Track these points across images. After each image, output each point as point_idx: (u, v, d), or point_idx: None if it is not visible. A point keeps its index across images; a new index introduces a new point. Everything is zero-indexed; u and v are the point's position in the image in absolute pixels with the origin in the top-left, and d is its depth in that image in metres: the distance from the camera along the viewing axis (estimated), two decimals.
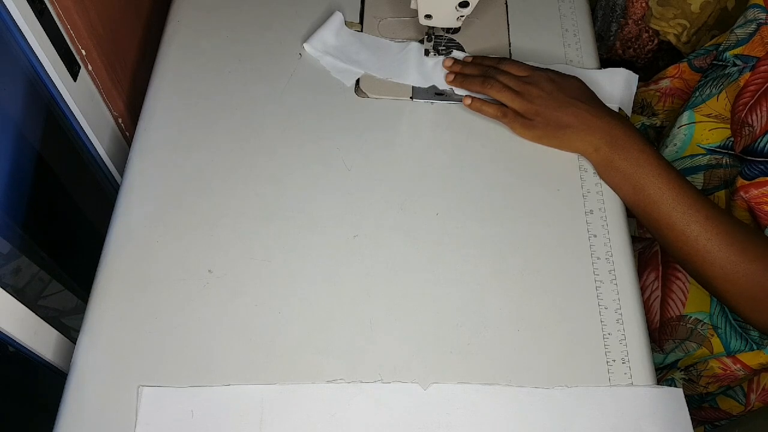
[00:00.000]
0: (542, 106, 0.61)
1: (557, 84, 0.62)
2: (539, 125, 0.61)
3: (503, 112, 0.62)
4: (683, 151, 0.67)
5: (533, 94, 0.61)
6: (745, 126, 0.61)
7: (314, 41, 0.67)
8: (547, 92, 0.61)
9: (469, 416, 0.49)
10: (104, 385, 0.49)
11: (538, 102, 0.61)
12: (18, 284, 0.54)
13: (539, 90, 0.61)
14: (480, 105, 0.63)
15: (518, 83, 0.62)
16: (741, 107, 0.62)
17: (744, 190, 0.58)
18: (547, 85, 0.62)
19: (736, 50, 0.65)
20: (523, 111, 0.62)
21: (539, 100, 0.61)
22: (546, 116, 0.61)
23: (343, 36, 0.69)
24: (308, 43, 0.67)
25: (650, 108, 0.78)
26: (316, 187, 0.59)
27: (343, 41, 0.69)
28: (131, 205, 0.57)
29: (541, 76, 0.63)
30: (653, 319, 0.66)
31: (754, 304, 0.53)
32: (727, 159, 0.64)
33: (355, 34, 0.70)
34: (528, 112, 0.61)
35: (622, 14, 0.91)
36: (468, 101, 0.64)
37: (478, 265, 0.56)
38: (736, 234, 0.54)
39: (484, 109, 0.63)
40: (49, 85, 0.56)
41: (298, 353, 0.51)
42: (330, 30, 0.68)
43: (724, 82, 0.64)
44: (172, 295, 0.53)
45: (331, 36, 0.68)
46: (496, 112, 0.63)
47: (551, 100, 0.61)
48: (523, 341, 0.52)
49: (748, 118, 0.61)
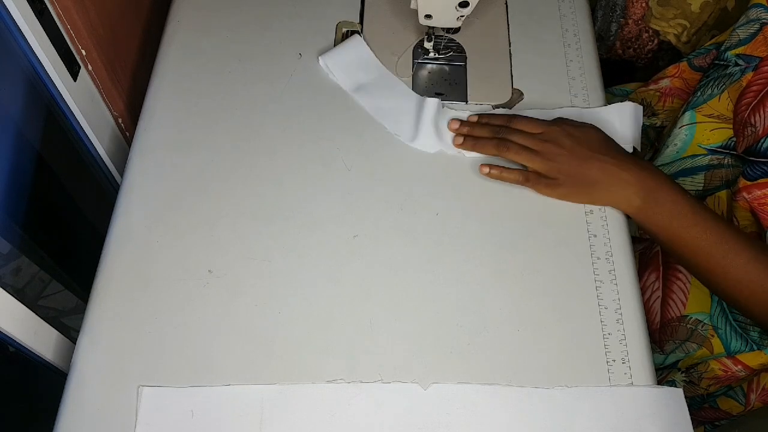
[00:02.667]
0: (565, 164, 0.58)
1: (575, 138, 0.59)
2: (565, 184, 0.58)
3: (525, 176, 0.59)
4: (684, 152, 0.67)
5: (553, 153, 0.58)
6: (747, 126, 0.61)
7: (331, 60, 0.65)
8: (568, 149, 0.58)
9: (469, 416, 0.49)
10: (104, 385, 0.49)
11: (560, 160, 0.58)
12: (18, 284, 0.54)
13: (558, 147, 0.58)
14: (500, 172, 0.60)
15: (535, 142, 0.59)
16: (744, 107, 0.62)
17: (747, 191, 0.58)
18: (566, 140, 0.58)
19: (738, 50, 0.64)
20: (545, 171, 0.58)
21: (561, 158, 0.58)
22: (570, 174, 0.58)
23: (369, 69, 0.66)
24: (324, 58, 0.65)
25: (650, 108, 0.78)
26: (316, 187, 0.59)
27: (367, 76, 0.66)
28: (131, 205, 0.57)
29: (557, 131, 0.59)
30: (654, 319, 0.66)
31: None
32: (728, 159, 0.64)
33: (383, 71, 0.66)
34: (551, 172, 0.58)
35: (622, 14, 0.91)
36: (486, 170, 0.60)
37: (478, 265, 0.56)
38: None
39: (505, 176, 0.60)
40: (49, 85, 0.56)
41: (298, 353, 0.51)
42: (353, 54, 0.66)
43: (726, 82, 0.64)
44: (172, 295, 0.53)
45: (355, 64, 0.66)
46: (518, 177, 0.59)
47: (573, 157, 0.58)
48: (523, 341, 0.52)
49: (751, 119, 0.60)
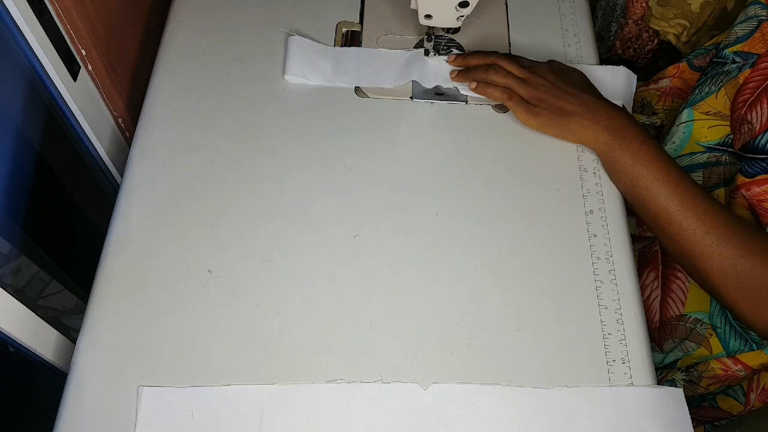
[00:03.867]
0: (547, 93, 0.61)
1: (560, 75, 0.63)
2: (544, 112, 0.61)
3: (509, 94, 0.62)
4: (682, 149, 0.67)
5: (537, 82, 0.62)
6: (744, 123, 0.61)
7: (294, 67, 0.65)
8: (551, 81, 0.62)
9: (469, 416, 0.49)
10: (104, 385, 0.49)
11: (543, 89, 0.61)
12: (18, 284, 0.54)
13: (543, 79, 0.62)
14: (485, 88, 0.63)
15: (522, 71, 0.63)
16: (741, 104, 0.62)
17: (745, 188, 0.58)
18: (550, 74, 0.63)
19: (735, 47, 0.64)
20: (527, 97, 0.62)
21: (543, 87, 0.61)
22: (550, 103, 0.61)
23: (331, 54, 0.67)
24: (288, 73, 0.65)
25: (650, 107, 0.78)
26: (316, 187, 0.59)
27: (334, 59, 0.67)
28: (131, 205, 0.57)
29: (544, 65, 0.64)
30: (653, 318, 0.66)
31: (753, 301, 0.52)
32: (726, 156, 0.64)
33: (350, 49, 0.68)
34: (532, 99, 0.62)
35: (622, 14, 0.91)
36: (473, 85, 0.64)
37: (478, 265, 0.56)
38: (735, 228, 0.53)
39: (489, 92, 0.63)
40: (49, 85, 0.56)
41: (298, 353, 0.51)
42: (308, 52, 0.66)
43: (723, 79, 0.64)
44: (172, 295, 0.53)
45: (315, 57, 0.66)
46: (502, 94, 0.63)
47: (555, 88, 0.61)
48: (523, 341, 0.52)
49: (748, 115, 0.60)
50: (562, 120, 0.61)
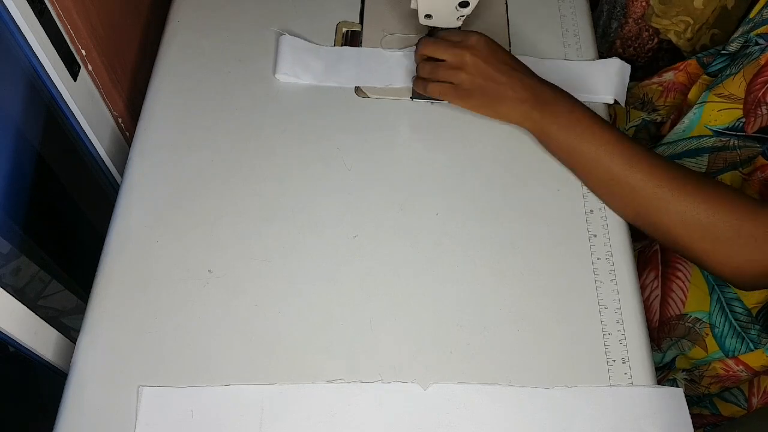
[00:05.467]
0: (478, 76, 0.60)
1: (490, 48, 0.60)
2: (476, 93, 0.60)
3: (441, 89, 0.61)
4: (690, 131, 0.66)
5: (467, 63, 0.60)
6: (761, 105, 0.60)
7: (286, 66, 0.65)
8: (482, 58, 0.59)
9: (469, 416, 0.49)
10: (104, 385, 0.49)
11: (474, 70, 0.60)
12: (18, 284, 0.54)
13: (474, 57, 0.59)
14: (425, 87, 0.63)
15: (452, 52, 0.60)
16: (759, 86, 0.60)
17: (761, 170, 0.57)
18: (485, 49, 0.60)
19: (760, 30, 0.63)
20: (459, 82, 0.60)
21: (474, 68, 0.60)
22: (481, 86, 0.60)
23: (323, 53, 0.67)
24: (279, 73, 0.65)
25: (651, 104, 0.77)
26: (316, 187, 0.59)
27: (327, 59, 0.66)
28: (131, 205, 0.57)
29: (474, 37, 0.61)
30: (653, 318, 0.66)
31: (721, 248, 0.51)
32: (734, 141, 0.63)
33: (343, 48, 0.68)
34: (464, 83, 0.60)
35: (622, 12, 0.91)
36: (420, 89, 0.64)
37: (478, 265, 0.56)
38: (688, 178, 0.52)
39: (429, 90, 0.62)
40: (49, 85, 0.56)
41: (298, 353, 0.51)
42: (300, 51, 0.66)
43: (744, 61, 0.63)
44: (172, 295, 0.53)
45: (307, 56, 0.66)
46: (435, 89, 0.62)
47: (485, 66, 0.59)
48: (523, 341, 0.52)
49: (766, 97, 0.60)
50: (491, 103, 0.60)
